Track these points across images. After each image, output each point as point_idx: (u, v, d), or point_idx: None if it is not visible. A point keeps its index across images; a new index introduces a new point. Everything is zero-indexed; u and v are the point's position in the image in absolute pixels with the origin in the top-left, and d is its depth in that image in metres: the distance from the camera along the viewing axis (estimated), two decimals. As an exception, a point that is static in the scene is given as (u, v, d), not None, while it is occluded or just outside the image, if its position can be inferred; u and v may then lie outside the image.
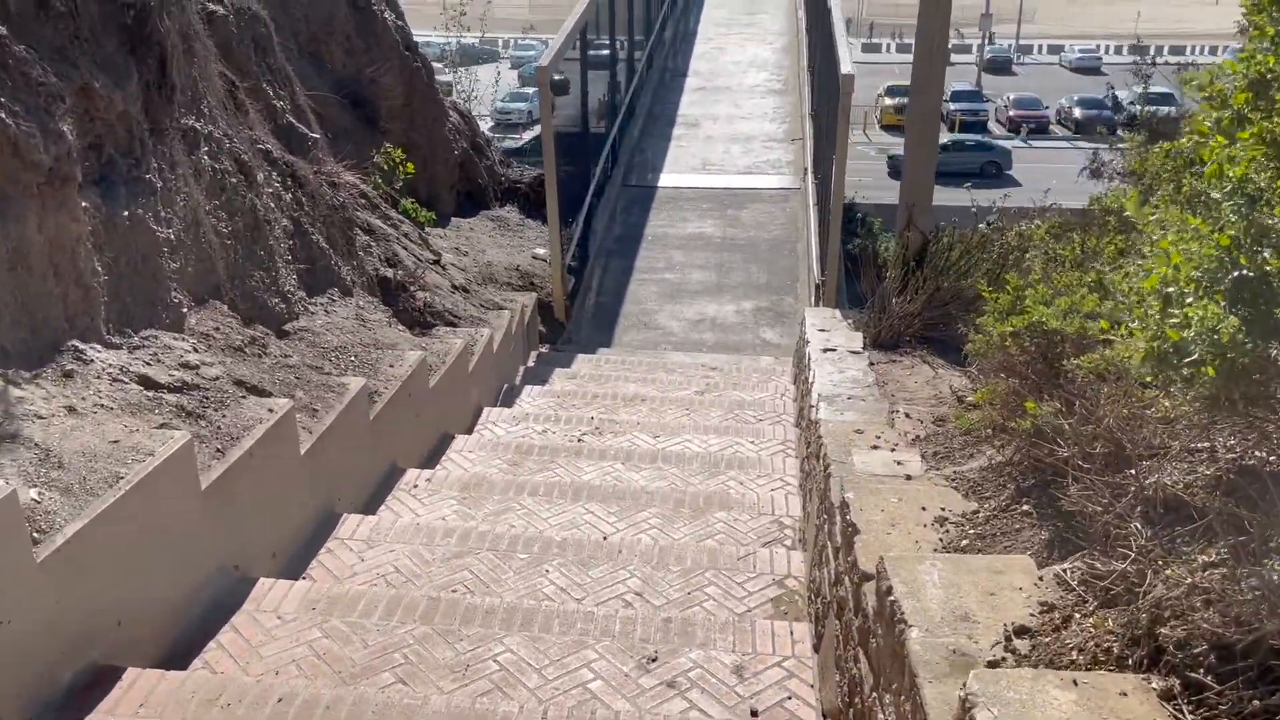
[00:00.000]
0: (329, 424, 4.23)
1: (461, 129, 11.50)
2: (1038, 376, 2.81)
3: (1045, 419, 2.51)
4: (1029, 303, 2.83)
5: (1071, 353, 2.75)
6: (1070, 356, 2.69)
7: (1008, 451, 3.21)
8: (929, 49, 7.16)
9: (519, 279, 9.70)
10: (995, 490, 3.12)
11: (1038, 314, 2.76)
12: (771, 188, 12.70)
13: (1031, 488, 2.80)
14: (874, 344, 6.80)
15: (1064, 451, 2.34)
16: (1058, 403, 2.53)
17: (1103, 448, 2.24)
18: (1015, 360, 2.90)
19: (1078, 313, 2.78)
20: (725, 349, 9.35)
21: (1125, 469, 2.17)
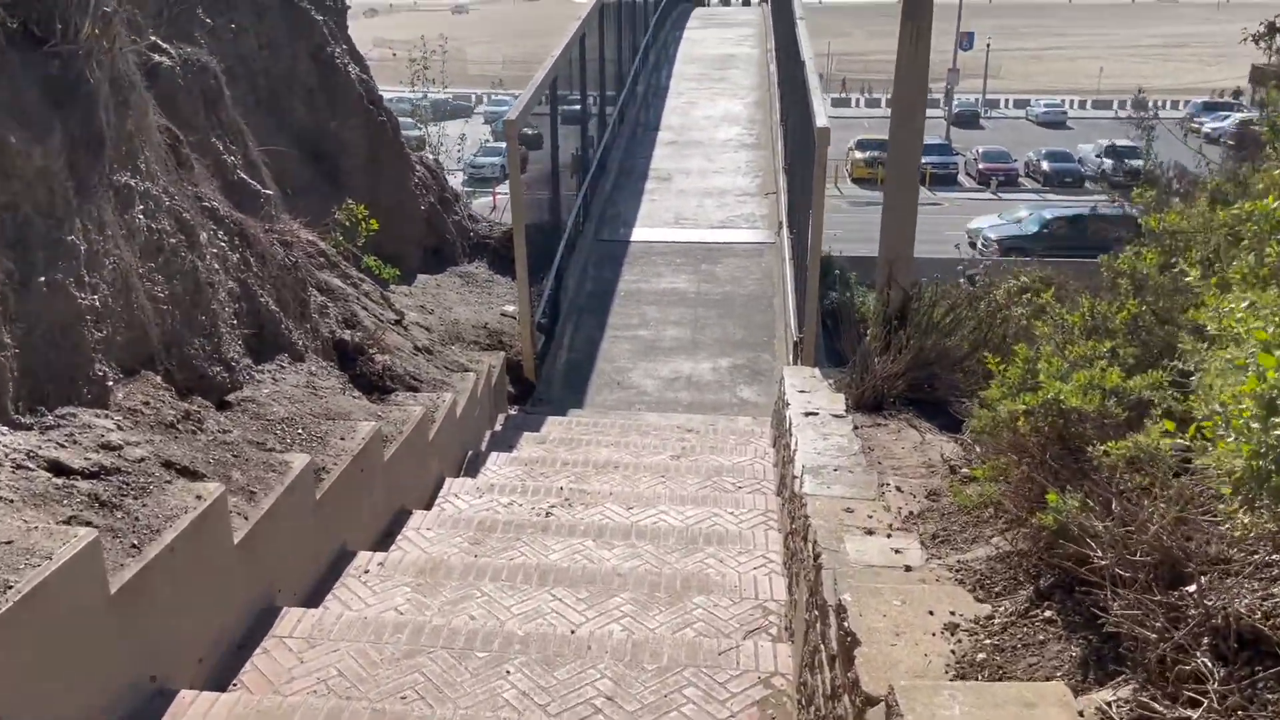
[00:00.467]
0: (267, 508, 3.83)
1: (429, 183, 11.23)
2: (1055, 461, 2.49)
3: (1071, 515, 2.18)
4: (1043, 377, 2.52)
5: (1093, 435, 2.43)
6: (1093, 440, 2.37)
7: (1017, 539, 2.88)
8: (907, 106, 6.98)
9: (487, 337, 9.35)
10: (1008, 586, 2.78)
11: (1053, 390, 2.45)
12: (746, 242, 12.49)
13: (1053, 589, 2.46)
14: (856, 405, 6.49)
15: (1099, 557, 2.01)
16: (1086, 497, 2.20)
17: (1146, 555, 1.92)
18: (1028, 441, 2.59)
19: (1098, 389, 2.46)
20: (701, 408, 9.02)
21: (1179, 584, 1.85)
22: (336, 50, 9.38)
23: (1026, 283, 6.88)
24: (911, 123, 6.98)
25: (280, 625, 3.79)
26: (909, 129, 6.99)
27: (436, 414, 5.94)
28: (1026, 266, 9.21)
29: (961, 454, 5.17)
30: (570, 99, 11.81)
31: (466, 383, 6.82)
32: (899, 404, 6.52)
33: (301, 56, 8.92)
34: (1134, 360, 2.73)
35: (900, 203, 7.15)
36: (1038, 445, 2.54)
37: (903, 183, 7.09)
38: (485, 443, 7.16)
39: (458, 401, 6.41)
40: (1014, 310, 6.27)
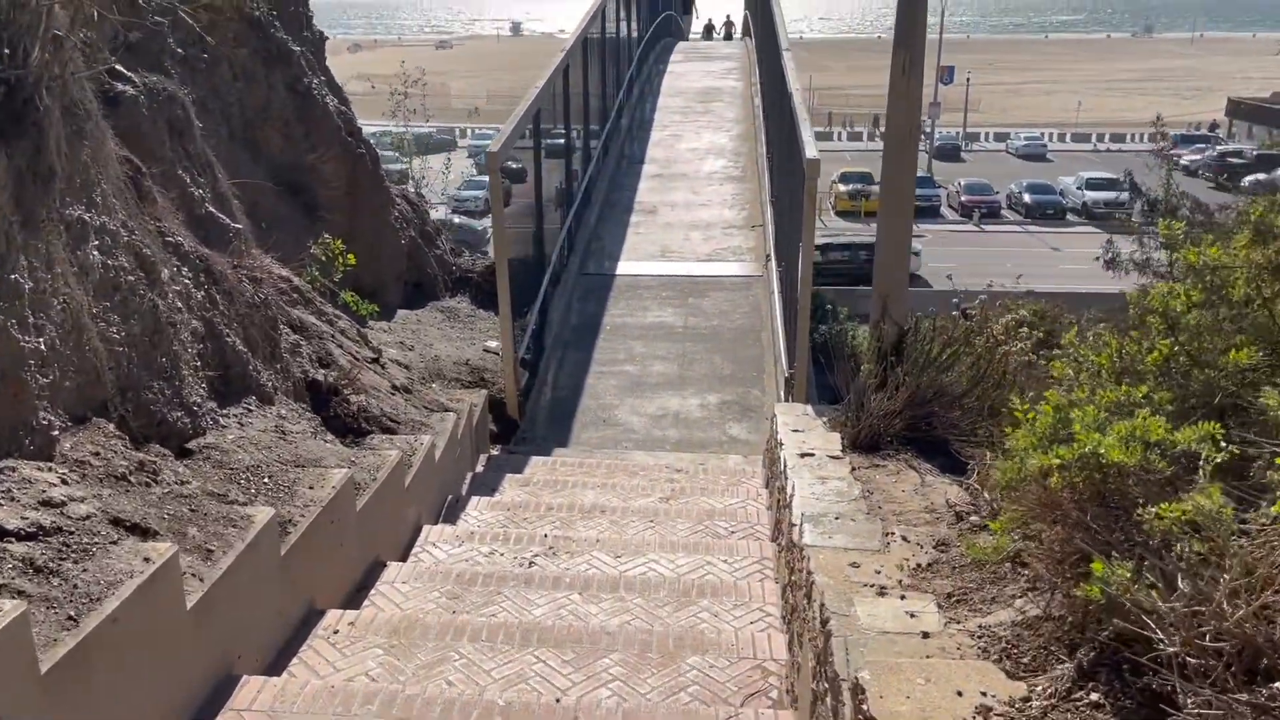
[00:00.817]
0: (226, 567, 3.53)
1: (410, 217, 10.99)
2: (1097, 523, 2.24)
3: (1121, 587, 1.92)
4: (1077, 427, 2.27)
5: (1137, 493, 2.18)
6: (1138, 499, 2.12)
7: (1050, 605, 2.61)
8: (900, 136, 6.78)
9: (469, 374, 9.07)
10: (1039, 659, 2.51)
11: (1090, 443, 2.20)
12: (733, 275, 12.28)
13: (1097, 667, 2.20)
14: (853, 445, 6.24)
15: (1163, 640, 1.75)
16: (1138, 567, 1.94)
17: (1222, 640, 1.67)
18: (1061, 499, 2.33)
19: (1139, 440, 2.21)
20: (690, 446, 8.75)
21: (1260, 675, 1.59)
22: (314, 81, 9.16)
23: (1024, 315, 6.67)
24: (904, 153, 6.79)
25: (239, 697, 3.47)
26: (902, 159, 6.80)
27: (414, 458, 5.65)
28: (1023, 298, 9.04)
29: (967, 499, 4.91)
30: (554, 132, 11.62)
31: (446, 424, 6.53)
32: (897, 443, 6.27)
33: (278, 87, 8.69)
34: (1171, 407, 2.49)
35: (894, 235, 6.95)
36: (1073, 503, 2.29)
37: (897, 214, 6.89)
38: (466, 486, 6.85)
39: (436, 444, 6.12)
40: (1012, 345, 6.05)
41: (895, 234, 7.00)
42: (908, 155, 6.88)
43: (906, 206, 6.99)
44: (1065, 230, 41.68)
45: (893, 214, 6.94)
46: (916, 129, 6.83)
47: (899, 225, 6.97)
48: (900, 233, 6.97)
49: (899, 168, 6.90)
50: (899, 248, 7.01)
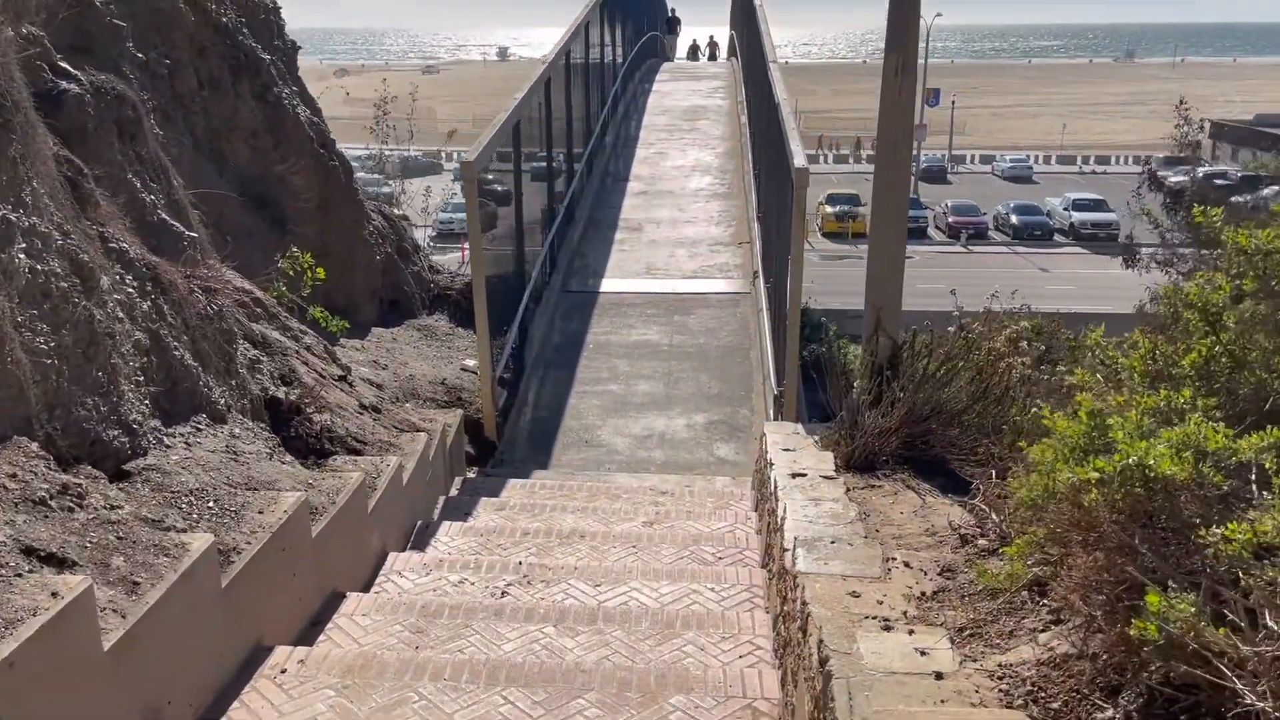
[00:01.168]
0: (154, 602, 3.16)
1: (386, 233, 10.65)
2: (1144, 547, 1.90)
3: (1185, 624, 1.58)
4: (1119, 435, 1.94)
5: (1190, 510, 1.84)
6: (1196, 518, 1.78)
7: (1087, 642, 2.27)
8: (892, 144, 6.50)
9: (445, 394, 8.71)
10: (1074, 704, 2.17)
11: (1136, 453, 1.87)
12: (720, 292, 11.98)
13: (1148, 715, 1.85)
14: (847, 465, 5.91)
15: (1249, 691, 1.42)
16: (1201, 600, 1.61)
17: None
18: (1098, 519, 2.00)
19: (1191, 448, 1.88)
20: (676, 468, 8.40)
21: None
22: (285, 91, 8.85)
23: (1026, 327, 6.37)
24: (897, 157, 6.51)
25: (165, 748, 3.09)
26: (895, 164, 6.51)
27: (379, 480, 5.28)
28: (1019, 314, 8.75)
29: (972, 521, 4.58)
30: (535, 146, 11.33)
31: (416, 444, 6.17)
32: (893, 462, 5.94)
33: (246, 97, 8.37)
34: (1219, 414, 2.17)
35: (888, 244, 6.65)
36: (1114, 524, 1.96)
37: (890, 222, 6.59)
38: (438, 510, 6.47)
39: (405, 466, 5.75)
40: (1014, 359, 5.74)
41: (888, 244, 6.70)
42: (900, 162, 6.59)
43: (900, 215, 6.70)
44: (1053, 251, 41.65)
45: (885, 224, 6.64)
46: (909, 135, 6.55)
47: (892, 235, 6.68)
48: (893, 243, 6.68)
49: (891, 175, 6.61)
50: (892, 259, 6.71)
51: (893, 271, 6.73)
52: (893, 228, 6.64)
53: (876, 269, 6.75)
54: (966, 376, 5.86)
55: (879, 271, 6.74)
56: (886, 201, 6.63)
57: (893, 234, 6.68)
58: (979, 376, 5.84)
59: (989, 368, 5.78)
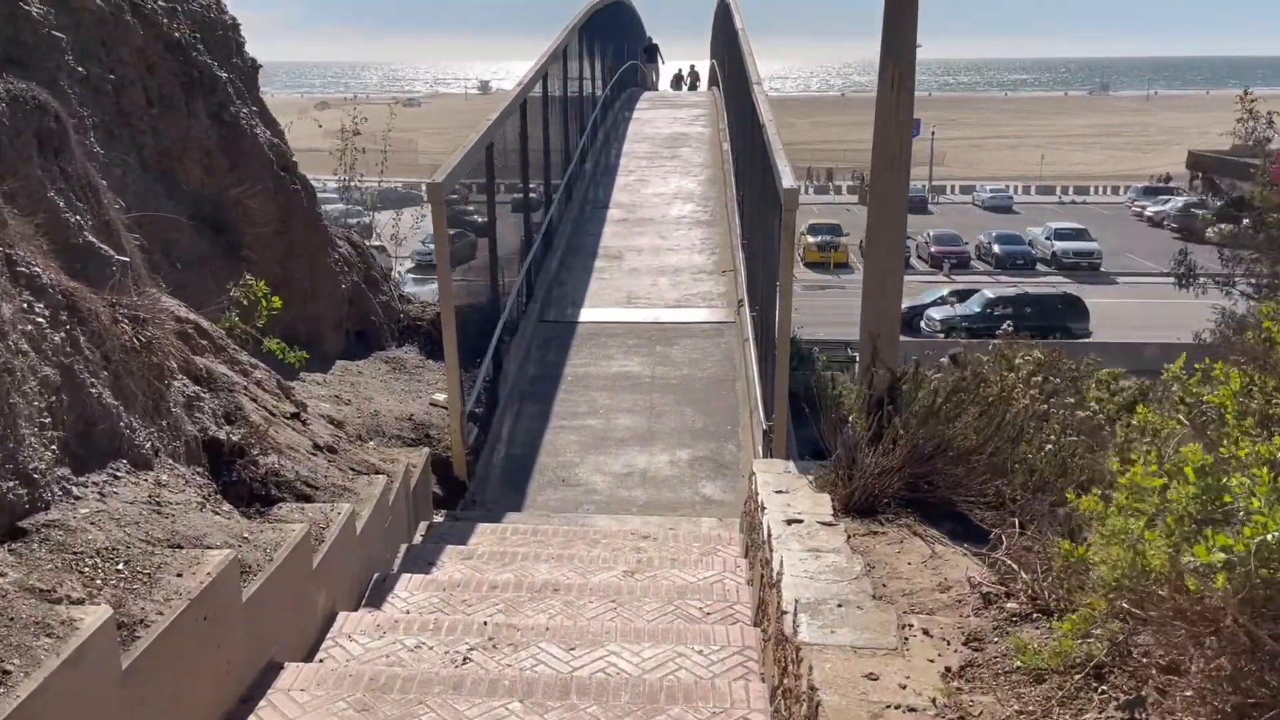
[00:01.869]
0: (25, 697, 2.60)
1: (353, 261, 10.14)
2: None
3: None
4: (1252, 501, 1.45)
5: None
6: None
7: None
8: (889, 158, 6.06)
9: (412, 431, 8.17)
10: None
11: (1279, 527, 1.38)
12: (704, 322, 11.51)
13: None
14: (845, 508, 5.41)
15: None
16: None
17: None
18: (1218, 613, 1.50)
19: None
20: (659, 508, 7.87)
21: None
22: (242, 111, 8.35)
23: (1039, 358, 5.91)
24: (894, 170, 6.06)
25: None
26: (891, 181, 6.07)
27: (327, 531, 4.72)
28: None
29: (993, 577, 4.07)
30: (510, 172, 10.87)
31: (374, 489, 5.62)
32: (895, 505, 5.44)
33: (200, 115, 7.87)
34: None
35: (884, 266, 6.19)
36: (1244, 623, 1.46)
37: (886, 242, 6.14)
38: (399, 560, 5.92)
39: (360, 513, 5.20)
40: (1027, 393, 5.27)
41: (884, 263, 6.24)
42: (898, 176, 6.14)
43: (897, 235, 6.24)
44: (1035, 280, 41.56)
45: (881, 242, 6.19)
46: (907, 148, 6.10)
47: (888, 255, 6.22)
48: (890, 261, 6.22)
49: (888, 190, 6.17)
50: (888, 281, 6.24)
51: (890, 296, 6.26)
52: (889, 248, 6.18)
53: (872, 294, 6.29)
54: (974, 412, 5.38)
55: (875, 296, 6.27)
56: (883, 219, 6.18)
57: (889, 254, 6.22)
58: (988, 411, 5.36)
59: (1000, 402, 5.30)
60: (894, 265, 6.26)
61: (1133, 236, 50.52)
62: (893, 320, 6.33)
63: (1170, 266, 41.49)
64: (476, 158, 8.55)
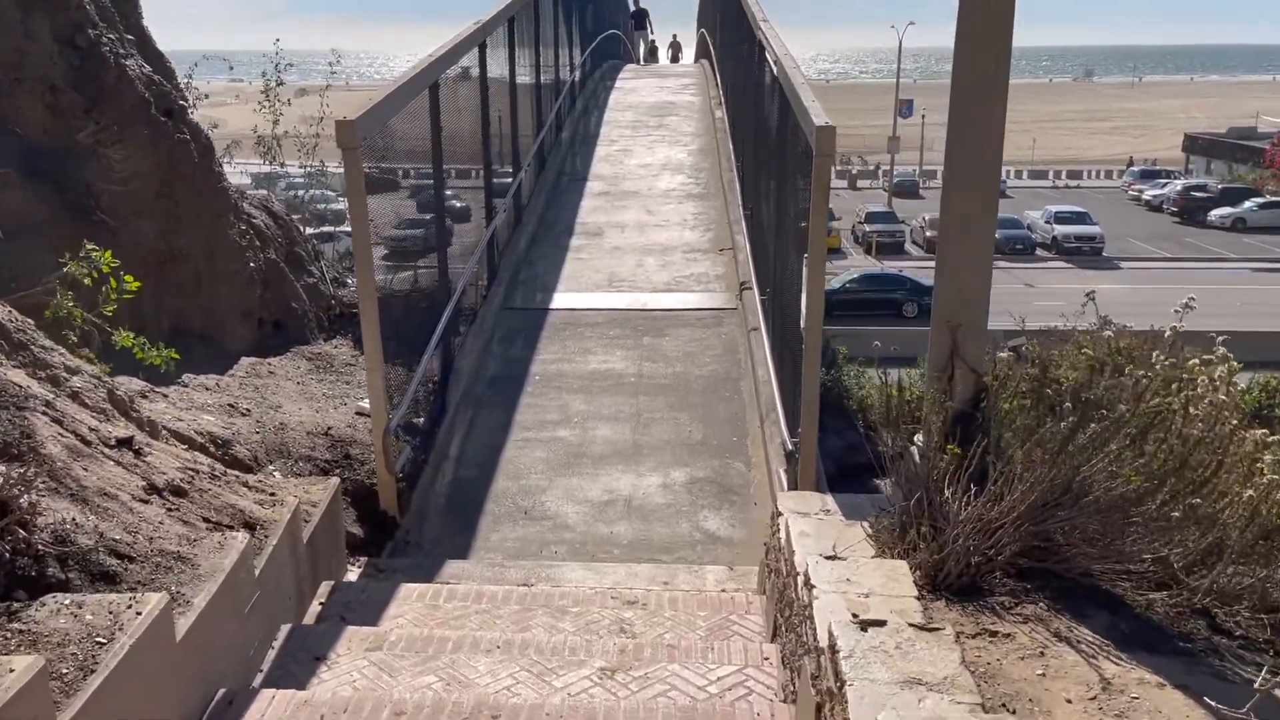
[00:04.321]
0: None
1: (270, 234, 8.23)
2: None
3: None
4: None
5: None
6: None
7: None
8: (979, 75, 4.23)
9: (328, 449, 6.31)
10: None
11: None
12: (700, 308, 9.67)
13: None
14: (931, 582, 3.60)
15: None
16: None
17: None
18: None
19: None
20: (649, 549, 6.05)
21: None
22: (106, 37, 6.44)
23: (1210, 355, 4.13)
24: (985, 101, 4.25)
25: None
26: (981, 111, 4.25)
27: (106, 653, 2.86)
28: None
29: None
30: (465, 129, 8.98)
31: (225, 556, 3.74)
32: (1006, 577, 3.64)
33: (41, 38, 5.95)
34: None
35: (969, 234, 4.37)
36: None
37: (975, 199, 4.32)
38: (273, 655, 4.05)
39: (189, 603, 3.35)
40: (1220, 408, 3.47)
41: (970, 230, 4.40)
42: (990, 101, 4.31)
43: (990, 185, 4.41)
44: (1036, 266, 39.93)
45: (969, 197, 4.36)
46: (1005, 60, 4.26)
47: (977, 221, 4.39)
48: (980, 227, 4.39)
49: (976, 124, 4.34)
50: (975, 251, 4.42)
51: (977, 279, 4.43)
52: (976, 234, 4.34)
53: (953, 276, 4.46)
54: (1130, 434, 3.57)
55: (956, 278, 4.44)
56: (968, 173, 4.34)
57: (979, 223, 4.38)
58: (1156, 436, 3.54)
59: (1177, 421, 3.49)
60: (982, 233, 4.42)
61: (1131, 220, 48.96)
62: (980, 303, 4.50)
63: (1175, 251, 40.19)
64: (412, 99, 6.66)
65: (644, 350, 8.79)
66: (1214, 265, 38.96)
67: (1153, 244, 43.86)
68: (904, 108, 53.36)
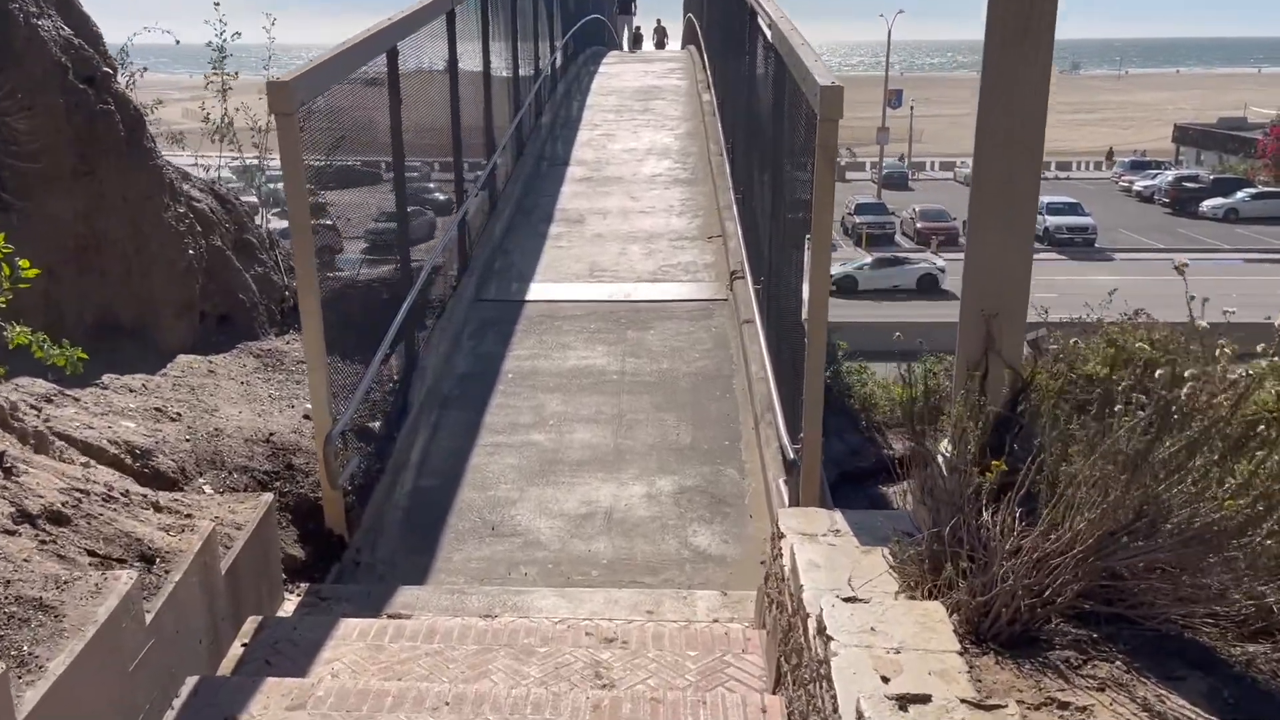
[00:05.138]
0: None
1: (216, 219, 7.48)
2: None
3: None
4: None
5: None
6: None
7: None
8: (1022, 26, 3.55)
9: (268, 458, 5.58)
10: None
11: None
12: (688, 299, 8.96)
13: None
14: (974, 632, 2.91)
15: None
16: None
17: None
18: None
19: None
20: (631, 570, 5.35)
21: None
22: (16, -9, 5.66)
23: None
24: (1025, 40, 3.55)
25: None
26: (1019, 51, 3.56)
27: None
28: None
29: None
30: (432, 102, 8.25)
31: (104, 600, 3.02)
32: (1063, 623, 2.95)
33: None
34: None
35: (1008, 201, 3.67)
36: None
37: (1015, 157, 3.63)
38: (177, 713, 3.33)
39: (43, 668, 2.63)
40: None
41: (1007, 208, 3.71)
42: (1031, 51, 3.62)
43: (1033, 148, 3.72)
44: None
45: (1006, 162, 3.67)
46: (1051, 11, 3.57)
47: (1018, 195, 3.70)
48: (1022, 188, 3.70)
49: (1011, 72, 3.65)
50: (1017, 234, 3.73)
51: (1016, 262, 3.75)
52: (1014, 209, 3.65)
53: (985, 259, 3.77)
54: (1223, 446, 2.89)
55: (989, 261, 3.76)
56: (1005, 132, 3.64)
57: (1015, 216, 3.68)
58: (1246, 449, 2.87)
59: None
60: (1020, 219, 3.72)
61: (1123, 211, 48.48)
62: (1020, 286, 3.81)
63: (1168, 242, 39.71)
64: (364, 64, 5.93)
65: (627, 345, 8.08)
66: (1207, 256, 38.45)
67: (1145, 235, 43.37)
68: (893, 98, 52.72)
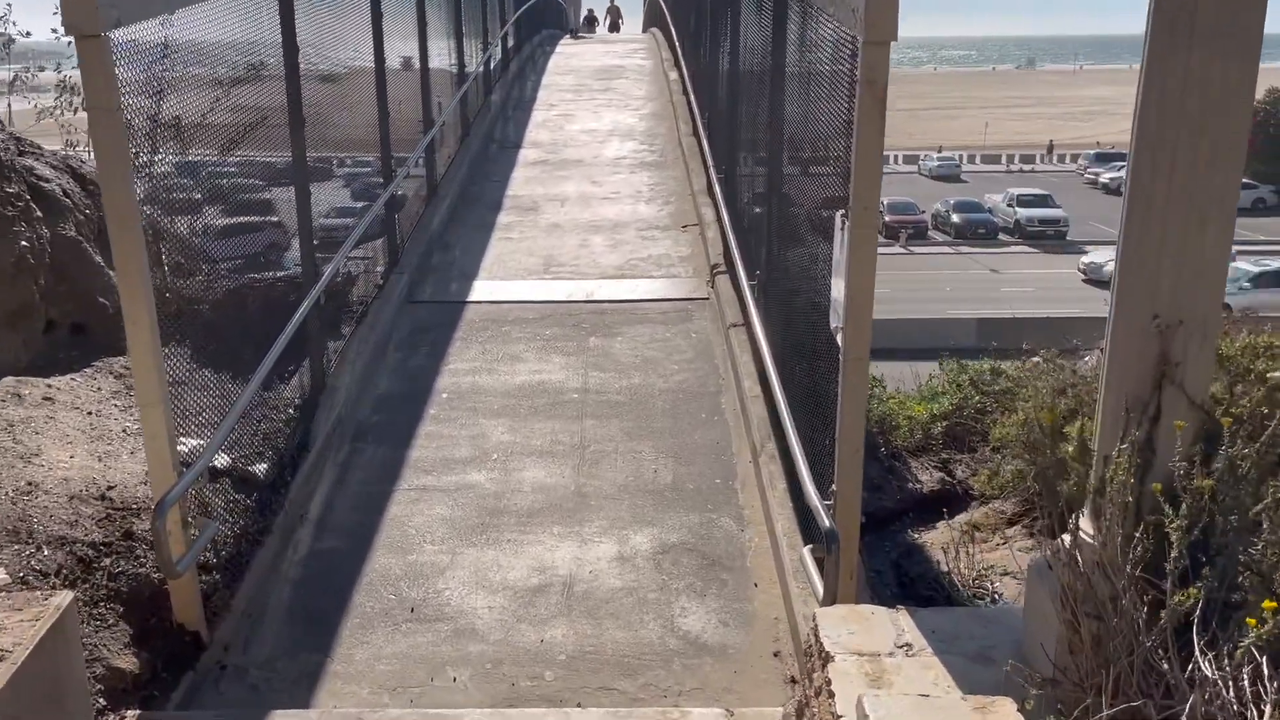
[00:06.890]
0: None
1: (71, 204, 5.93)
2: None
3: None
4: None
5: None
6: None
7: None
8: None
9: (99, 523, 4.08)
10: None
11: None
12: (662, 298, 7.54)
13: None
14: None
15: None
16: None
17: None
18: None
19: None
20: (598, 670, 3.93)
21: None
22: None
23: None
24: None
25: None
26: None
27: None
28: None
29: None
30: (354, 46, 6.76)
31: None
32: None
33: None
34: None
35: (1209, 151, 2.30)
36: None
37: (1231, 60, 2.26)
38: None
39: None
40: None
41: (1211, 144, 2.33)
42: None
43: (1247, 34, 2.33)
44: (1000, 251, 38.42)
45: (1217, 55, 2.28)
46: None
47: (1235, 80, 2.31)
48: (1222, 175, 2.31)
49: None
50: (1218, 180, 2.35)
51: (1217, 222, 2.36)
52: (1235, 64, 2.28)
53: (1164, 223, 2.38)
54: None
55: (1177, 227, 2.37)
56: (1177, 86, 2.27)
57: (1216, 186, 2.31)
58: None
59: None
60: (1222, 195, 2.34)
61: (1090, 203, 47.81)
62: (1216, 285, 2.43)
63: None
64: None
65: (590, 355, 6.64)
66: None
67: (1115, 227, 42.69)
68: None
